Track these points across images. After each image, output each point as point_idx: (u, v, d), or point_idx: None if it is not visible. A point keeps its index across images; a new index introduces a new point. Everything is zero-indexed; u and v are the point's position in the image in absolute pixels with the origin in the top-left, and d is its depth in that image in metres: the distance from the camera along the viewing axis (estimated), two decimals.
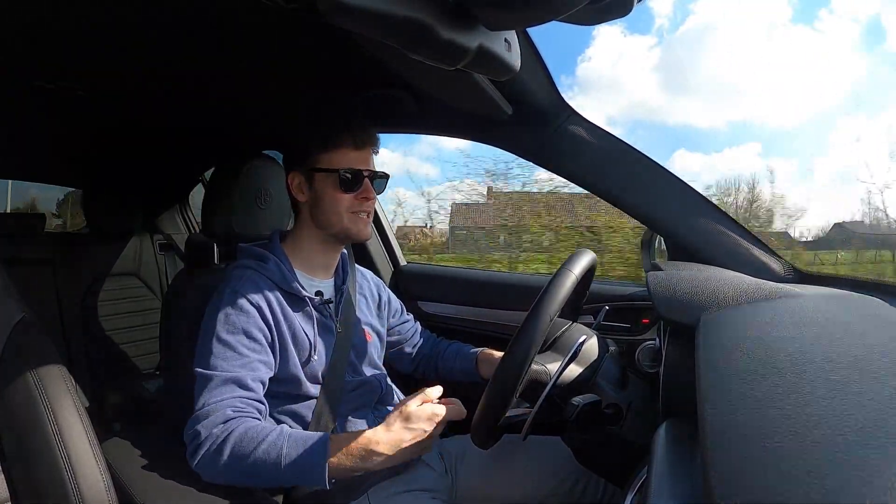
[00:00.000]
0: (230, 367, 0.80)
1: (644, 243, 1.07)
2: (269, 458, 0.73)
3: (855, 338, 0.46)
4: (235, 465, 0.74)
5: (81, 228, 2.15)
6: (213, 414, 0.77)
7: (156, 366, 1.92)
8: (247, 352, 0.82)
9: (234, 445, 0.74)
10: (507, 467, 0.93)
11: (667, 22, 20.62)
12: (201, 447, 0.75)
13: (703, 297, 0.66)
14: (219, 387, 0.79)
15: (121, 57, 0.90)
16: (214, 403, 0.78)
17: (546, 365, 0.76)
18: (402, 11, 0.44)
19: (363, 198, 0.90)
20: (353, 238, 0.94)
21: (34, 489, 0.67)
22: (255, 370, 0.81)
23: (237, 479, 0.77)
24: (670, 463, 0.48)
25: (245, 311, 0.84)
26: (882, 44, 15.86)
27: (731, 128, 14.14)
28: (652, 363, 0.84)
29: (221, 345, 0.81)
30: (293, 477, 0.75)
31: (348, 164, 0.89)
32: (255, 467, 0.74)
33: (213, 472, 0.76)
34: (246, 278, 0.87)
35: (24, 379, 0.68)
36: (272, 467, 0.73)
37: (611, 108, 22.27)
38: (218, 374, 0.79)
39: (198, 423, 0.77)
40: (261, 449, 0.74)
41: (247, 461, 0.74)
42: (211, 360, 0.80)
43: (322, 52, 0.89)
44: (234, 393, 0.79)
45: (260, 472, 0.74)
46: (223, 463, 0.74)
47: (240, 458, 0.74)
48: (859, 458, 0.28)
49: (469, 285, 1.40)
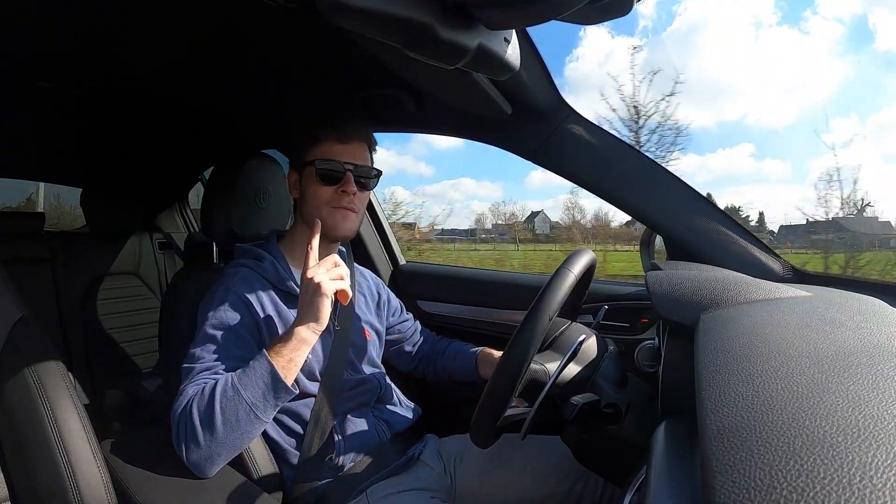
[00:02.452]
0: (209, 359, 0.80)
1: (643, 243, 1.07)
2: (229, 399, 0.74)
3: (855, 338, 0.46)
4: (207, 427, 0.73)
5: (81, 228, 2.15)
6: (178, 398, 0.77)
7: (155, 365, 1.92)
8: (230, 346, 0.82)
9: (196, 410, 0.74)
10: (506, 466, 0.93)
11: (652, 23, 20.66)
12: (178, 434, 0.75)
13: (703, 297, 0.66)
14: (194, 376, 0.79)
15: (121, 57, 0.90)
16: (184, 390, 0.77)
17: (545, 364, 0.76)
18: (402, 11, 0.44)
19: (342, 191, 0.89)
20: (331, 234, 0.92)
21: (33, 488, 0.67)
22: (233, 360, 0.81)
23: (220, 441, 0.74)
24: (669, 462, 0.48)
25: (233, 307, 0.84)
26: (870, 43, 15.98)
27: (722, 128, 14.15)
28: (651, 363, 0.84)
29: (206, 339, 0.82)
30: (258, 401, 0.75)
31: (330, 157, 0.89)
32: (224, 415, 0.73)
33: (196, 447, 0.74)
34: (240, 277, 0.87)
35: (23, 378, 0.68)
36: (236, 405, 0.74)
37: (601, 107, 22.18)
38: (196, 367, 0.79)
39: (174, 416, 0.76)
40: (218, 396, 0.74)
41: (214, 416, 0.73)
42: (195, 353, 0.81)
43: (322, 52, 0.89)
44: (204, 378, 0.79)
45: (230, 418, 0.74)
46: (198, 432, 0.73)
47: (207, 417, 0.74)
48: (860, 457, 0.28)
49: (468, 284, 1.40)
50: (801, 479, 0.28)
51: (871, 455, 0.28)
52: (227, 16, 0.76)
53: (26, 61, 0.90)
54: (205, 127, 1.39)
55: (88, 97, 1.10)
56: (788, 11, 21.80)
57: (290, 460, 0.87)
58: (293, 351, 0.78)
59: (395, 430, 0.98)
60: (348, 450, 0.89)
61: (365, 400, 0.96)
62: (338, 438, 0.89)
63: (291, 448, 0.87)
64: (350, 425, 0.92)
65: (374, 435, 0.94)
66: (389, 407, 1.00)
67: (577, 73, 19.97)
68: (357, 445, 0.91)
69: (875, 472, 0.27)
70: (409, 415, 1.02)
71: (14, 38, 0.81)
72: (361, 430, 0.93)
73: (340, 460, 0.88)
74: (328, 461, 0.87)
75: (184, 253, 1.94)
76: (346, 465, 0.89)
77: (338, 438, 0.89)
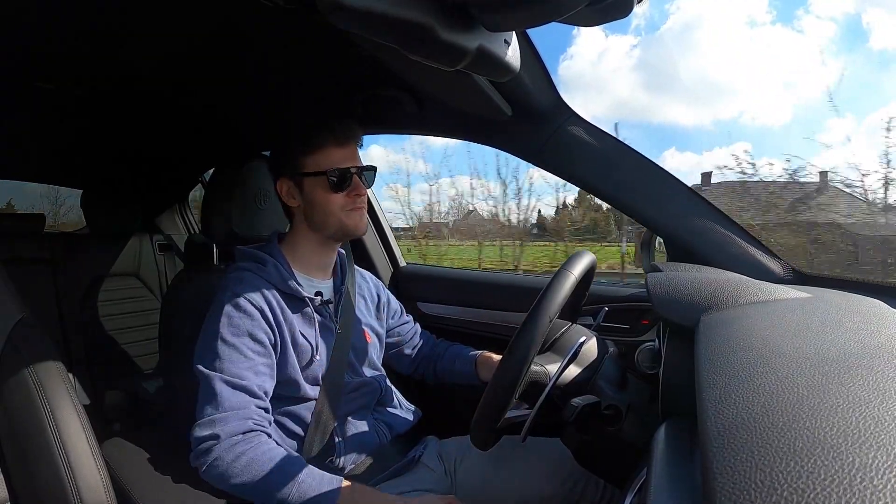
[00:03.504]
0: (237, 372, 0.80)
1: (643, 244, 1.07)
2: (282, 486, 0.73)
3: (855, 339, 0.46)
4: (247, 480, 0.74)
5: (81, 229, 2.15)
6: (232, 422, 0.76)
7: (156, 366, 1.92)
8: (252, 355, 0.82)
9: (252, 461, 0.74)
10: (507, 468, 0.93)
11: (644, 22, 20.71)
12: (213, 452, 0.75)
13: (703, 298, 0.66)
14: (229, 391, 0.78)
15: (121, 57, 0.90)
16: (232, 410, 0.77)
17: (545, 366, 0.75)
18: (402, 12, 0.44)
19: (355, 194, 0.90)
20: (351, 234, 0.94)
21: (33, 489, 0.67)
22: (259, 375, 0.81)
23: (238, 491, 0.76)
24: (670, 464, 0.48)
25: (248, 314, 0.84)
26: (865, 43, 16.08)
27: (718, 126, 14.18)
28: (651, 364, 0.84)
29: (227, 347, 0.81)
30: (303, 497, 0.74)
31: (334, 164, 0.89)
32: (265, 489, 0.74)
33: (220, 478, 0.75)
34: (245, 281, 0.87)
35: (23, 379, 0.68)
36: (282, 496, 0.73)
37: (595, 106, 22.09)
38: (226, 378, 0.79)
39: (214, 427, 0.76)
40: (276, 474, 0.74)
41: (259, 481, 0.74)
42: (216, 363, 0.80)
43: (322, 53, 0.89)
44: (247, 401, 0.79)
45: (265, 496, 0.74)
46: (235, 473, 0.74)
47: (254, 475, 0.74)
48: (861, 458, 0.28)
49: (468, 286, 1.40)
50: (801, 480, 0.27)
51: (871, 456, 0.28)
52: (227, 16, 0.76)
53: (26, 61, 0.90)
54: (205, 128, 1.39)
55: (88, 97, 1.10)
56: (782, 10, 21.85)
57: None
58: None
59: (395, 433, 0.98)
60: (349, 452, 0.89)
61: (365, 402, 0.96)
62: (338, 440, 0.89)
63: (292, 450, 0.87)
64: (350, 427, 0.92)
65: (375, 437, 0.94)
66: (390, 409, 1.00)
67: (570, 71, 19.91)
68: (357, 447, 0.91)
69: (876, 473, 0.27)
70: (410, 417, 1.02)
71: (14, 38, 0.81)
72: (362, 432, 0.93)
73: (341, 462, 0.88)
74: (328, 463, 0.87)
75: (184, 254, 1.94)
76: (346, 466, 0.89)
77: (338, 440, 0.89)
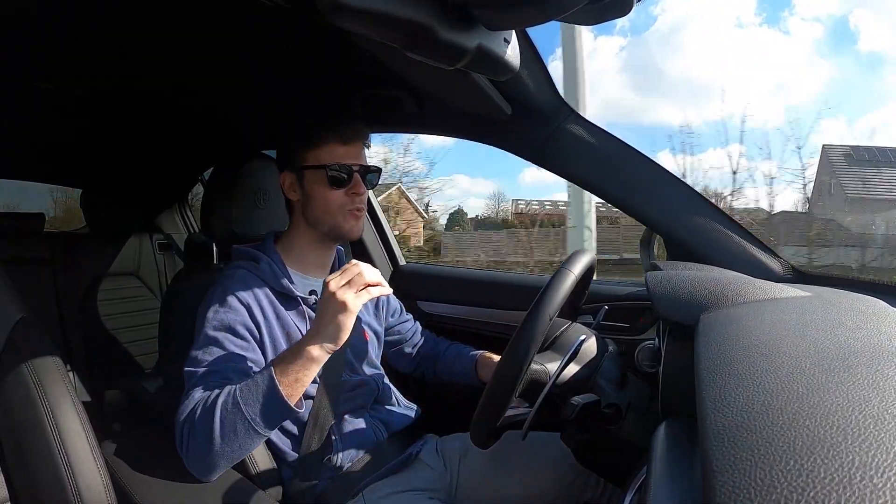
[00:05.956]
0: (214, 363, 0.79)
1: (643, 243, 1.07)
2: (229, 412, 0.72)
3: (855, 338, 0.46)
4: (208, 436, 0.72)
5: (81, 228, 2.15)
6: (184, 402, 0.75)
7: (155, 365, 1.92)
8: (233, 348, 0.81)
9: (198, 418, 0.73)
10: (506, 467, 0.93)
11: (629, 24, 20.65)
12: (180, 439, 0.74)
13: (703, 297, 0.66)
14: (199, 379, 0.78)
15: (121, 57, 0.90)
16: (189, 393, 0.76)
17: (545, 364, 0.76)
18: (402, 12, 0.44)
19: (354, 193, 0.90)
20: (343, 236, 0.93)
21: (33, 489, 0.67)
22: (237, 363, 0.80)
23: (218, 451, 0.73)
24: (669, 463, 0.48)
25: (233, 309, 0.84)
26: None
27: (709, 128, 14.09)
28: (651, 363, 0.84)
29: (208, 342, 0.81)
30: (257, 416, 0.72)
31: (337, 160, 0.88)
32: (223, 428, 0.72)
33: (196, 454, 0.73)
34: (237, 278, 0.87)
35: (23, 379, 0.68)
36: (235, 418, 0.72)
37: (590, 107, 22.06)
38: (201, 370, 0.78)
39: (186, 422, 0.75)
40: (219, 408, 0.72)
41: (213, 427, 0.71)
42: (197, 357, 0.80)
43: (321, 52, 0.89)
44: (209, 380, 0.77)
45: (228, 430, 0.72)
46: (198, 440, 0.72)
47: (207, 427, 0.72)
48: (860, 456, 0.28)
49: (468, 285, 1.40)
50: (801, 479, 0.28)
51: (871, 455, 0.28)
52: (227, 16, 0.76)
53: (26, 61, 0.90)
54: (205, 127, 1.39)
55: (88, 97, 1.10)
56: (771, 12, 21.81)
57: (289, 460, 0.87)
58: (301, 370, 0.74)
59: (392, 430, 0.98)
60: (346, 449, 0.89)
61: (364, 401, 0.96)
62: (335, 438, 0.89)
63: (289, 448, 0.87)
64: (347, 425, 0.92)
65: (372, 435, 0.94)
66: (388, 407, 1.00)
67: (559, 72, 19.83)
68: (355, 445, 0.91)
69: (875, 471, 0.27)
70: (409, 415, 1.02)
71: (14, 38, 0.81)
72: (359, 430, 0.93)
73: (338, 460, 0.88)
74: (326, 461, 0.88)
75: (184, 254, 1.94)
76: (344, 464, 0.89)
77: (335, 438, 0.89)
